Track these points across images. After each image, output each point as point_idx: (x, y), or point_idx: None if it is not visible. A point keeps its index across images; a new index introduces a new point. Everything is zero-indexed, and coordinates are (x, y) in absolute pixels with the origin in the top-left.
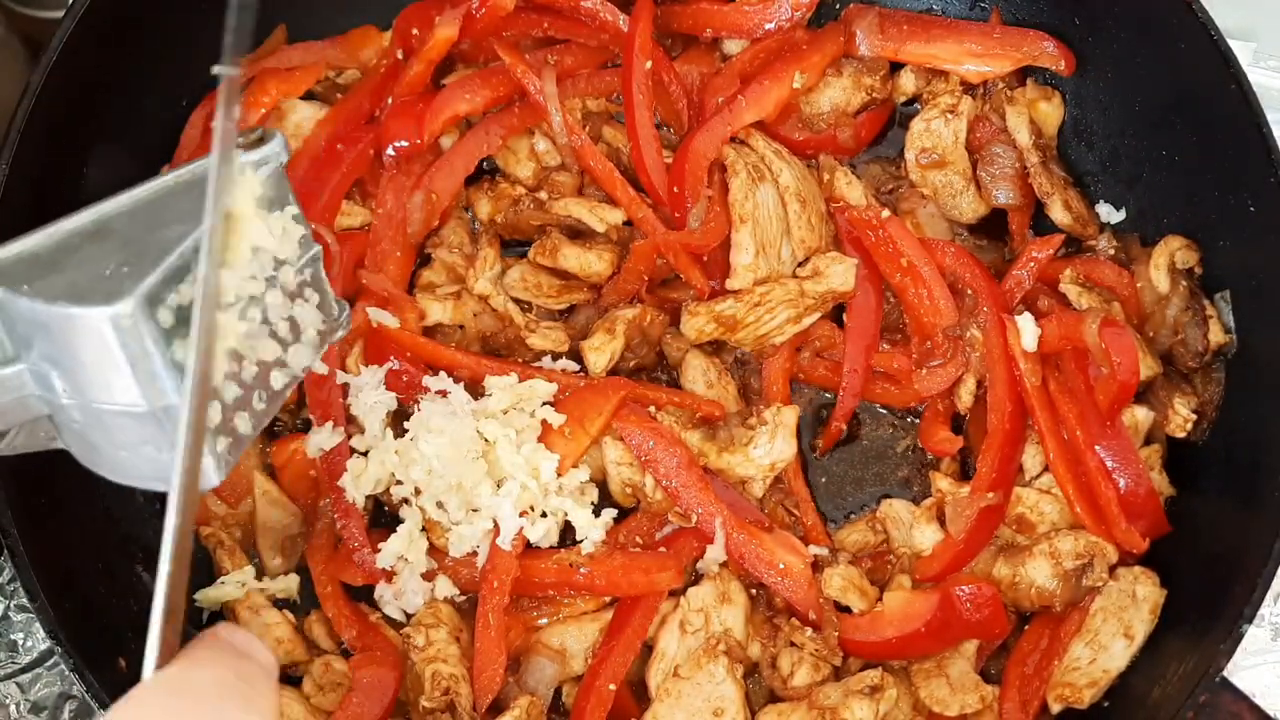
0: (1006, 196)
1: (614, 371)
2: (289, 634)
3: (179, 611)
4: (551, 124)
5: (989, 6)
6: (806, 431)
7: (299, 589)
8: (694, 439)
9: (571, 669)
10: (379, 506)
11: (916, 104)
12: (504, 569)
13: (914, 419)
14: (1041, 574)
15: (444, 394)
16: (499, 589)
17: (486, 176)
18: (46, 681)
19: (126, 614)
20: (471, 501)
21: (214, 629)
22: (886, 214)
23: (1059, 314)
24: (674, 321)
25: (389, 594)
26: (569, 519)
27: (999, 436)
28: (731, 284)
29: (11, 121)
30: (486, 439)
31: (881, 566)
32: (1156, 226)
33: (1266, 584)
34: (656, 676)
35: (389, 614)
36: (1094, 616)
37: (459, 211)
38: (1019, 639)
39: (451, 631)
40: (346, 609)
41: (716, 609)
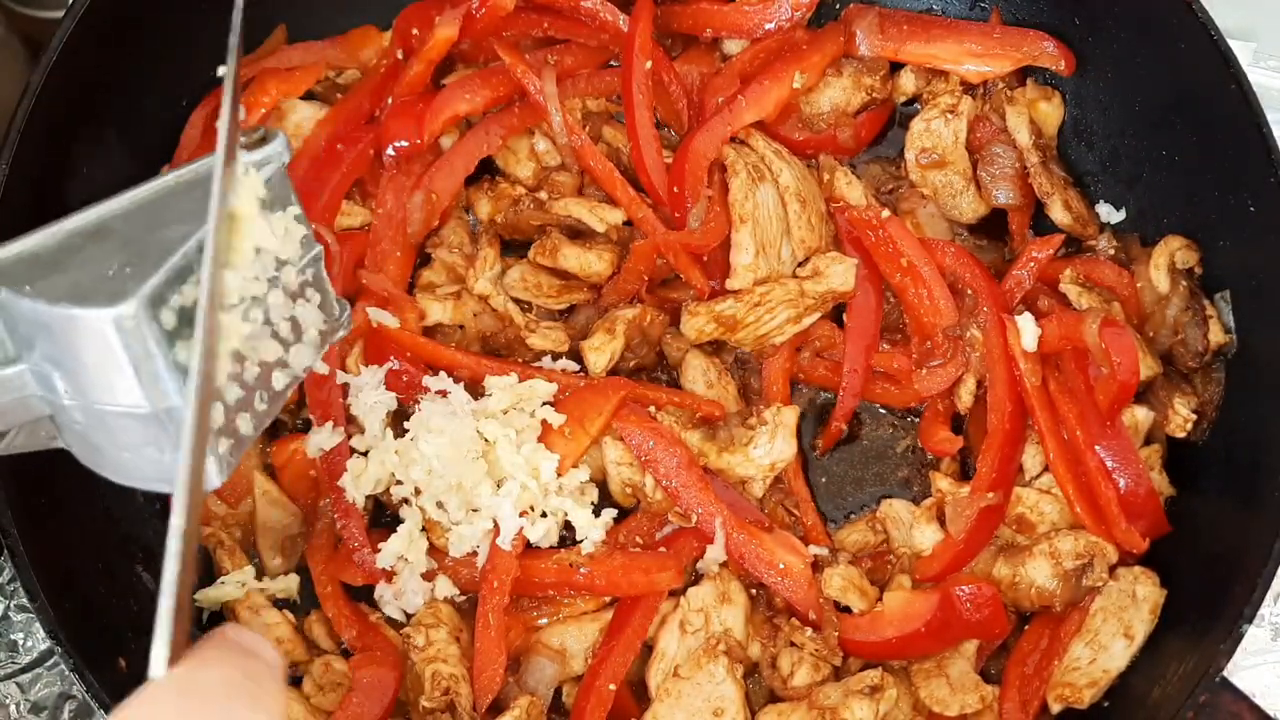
0: (1006, 196)
1: (614, 371)
2: (289, 634)
3: (186, 611)
4: (551, 124)
5: (989, 6)
6: (806, 431)
7: (299, 589)
8: (694, 439)
9: (571, 669)
10: (379, 506)
11: (916, 104)
12: (504, 569)
13: (914, 419)
14: (1041, 574)
15: (444, 394)
16: (499, 589)
17: (486, 176)
18: (46, 681)
19: (126, 614)
20: (471, 501)
21: (221, 629)
22: (886, 214)
23: (1059, 314)
24: (674, 321)
25: (389, 594)
26: (569, 519)
27: (999, 436)
28: (731, 284)
29: (11, 121)
30: (486, 439)
31: (881, 566)
32: (1156, 226)
33: (1266, 584)
34: (656, 676)
35: (389, 614)
36: (1094, 616)
37: (459, 211)
38: (1019, 639)
39: (451, 631)
40: (346, 609)
41: (716, 609)
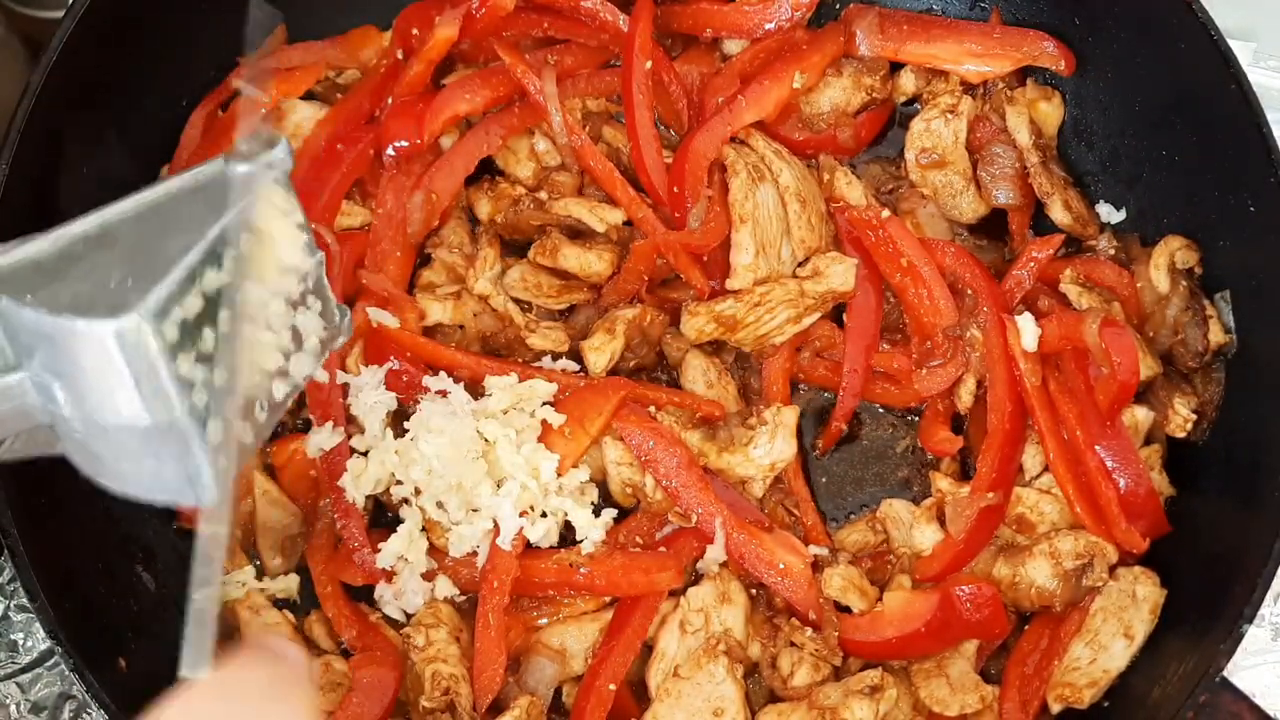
0: (1006, 196)
1: (614, 371)
2: (289, 634)
3: (214, 615)
4: (551, 124)
5: (989, 6)
6: (807, 431)
7: (299, 589)
8: (694, 439)
9: (571, 669)
10: (379, 506)
11: (916, 104)
12: (504, 569)
13: (914, 419)
14: (1041, 574)
15: (444, 394)
16: (499, 589)
17: (486, 176)
18: (46, 681)
19: (126, 614)
20: (471, 501)
21: (253, 635)
22: (886, 214)
23: (1059, 314)
24: (674, 321)
25: (389, 594)
26: (569, 519)
27: (999, 436)
28: (731, 284)
29: (11, 121)
30: (486, 439)
31: (881, 566)
32: (1156, 226)
33: (1266, 584)
34: (656, 676)
35: (389, 614)
36: (1094, 616)
37: (459, 211)
38: (1019, 639)
39: (451, 631)
40: (346, 609)
41: (716, 609)
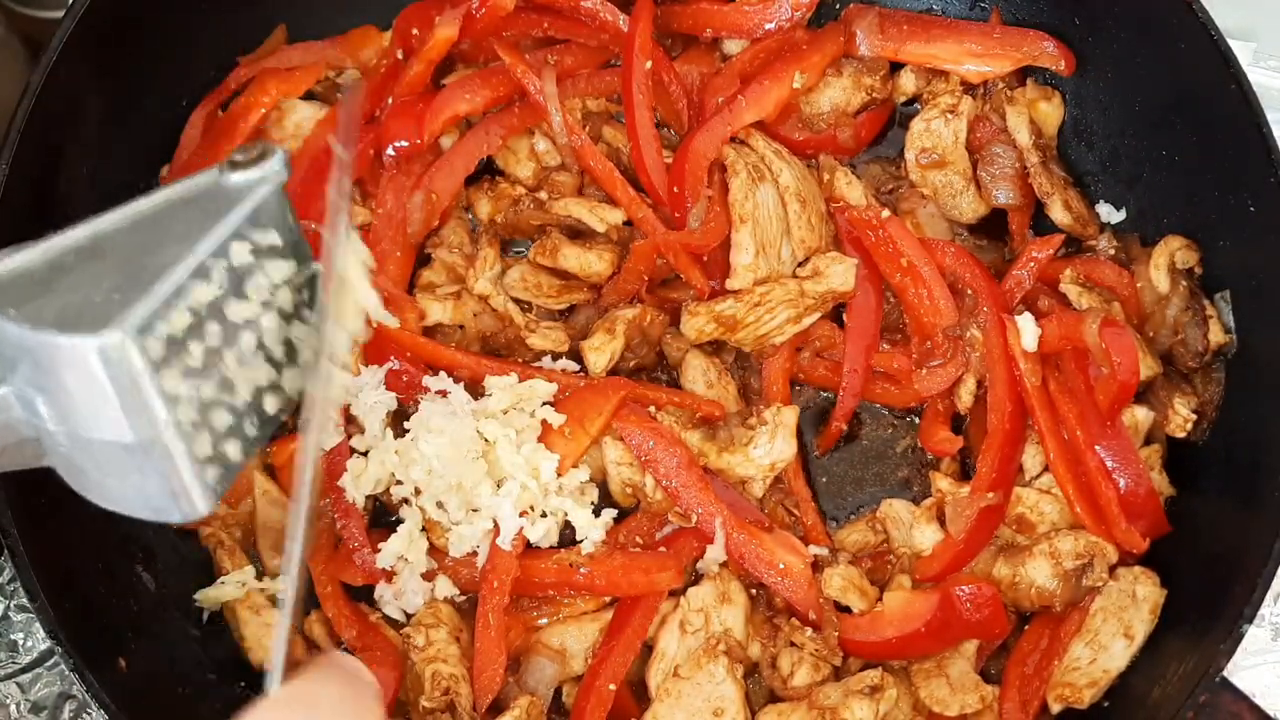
0: (1006, 196)
1: (614, 371)
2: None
3: (296, 628)
4: (551, 124)
5: (989, 6)
6: (807, 431)
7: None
8: (694, 439)
9: (571, 669)
10: (379, 506)
11: (916, 104)
12: (504, 569)
13: (914, 419)
14: (1041, 574)
15: (444, 394)
16: (499, 589)
17: (486, 176)
18: (46, 681)
19: (126, 614)
20: (471, 501)
21: (328, 653)
22: (886, 214)
23: (1059, 314)
24: (674, 321)
25: (389, 594)
26: (569, 519)
27: (999, 436)
28: (731, 284)
29: (11, 121)
30: (486, 439)
31: (881, 566)
32: (1156, 226)
33: (1266, 584)
34: (656, 676)
35: (389, 614)
36: (1094, 616)
37: (459, 211)
38: (1019, 639)
39: (451, 631)
40: (346, 609)
41: (716, 609)
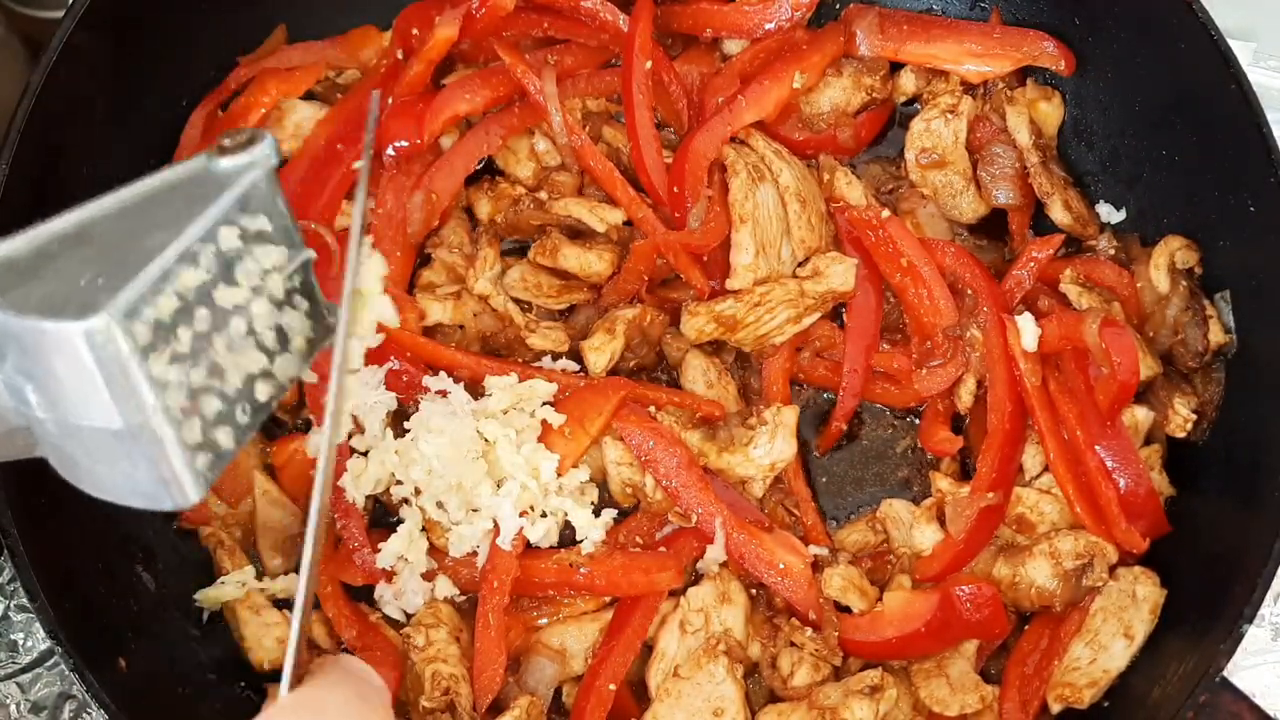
0: (1006, 196)
1: (614, 371)
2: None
3: (306, 634)
4: (551, 124)
5: (989, 6)
6: (806, 431)
7: None
8: (694, 439)
9: (571, 669)
10: (379, 506)
11: (916, 104)
12: (504, 569)
13: (914, 419)
14: (1041, 574)
15: (444, 394)
16: (499, 589)
17: (486, 176)
18: (46, 681)
19: (126, 614)
20: (471, 501)
21: (337, 657)
22: (886, 214)
23: (1059, 314)
24: (674, 321)
25: (389, 594)
26: (569, 519)
27: (999, 436)
28: (731, 284)
29: (11, 121)
30: (486, 439)
31: (881, 566)
32: (1156, 226)
33: (1266, 584)
34: (656, 676)
35: (389, 614)
36: (1094, 616)
37: (459, 211)
38: (1019, 639)
39: (451, 631)
40: (346, 609)
41: (716, 609)
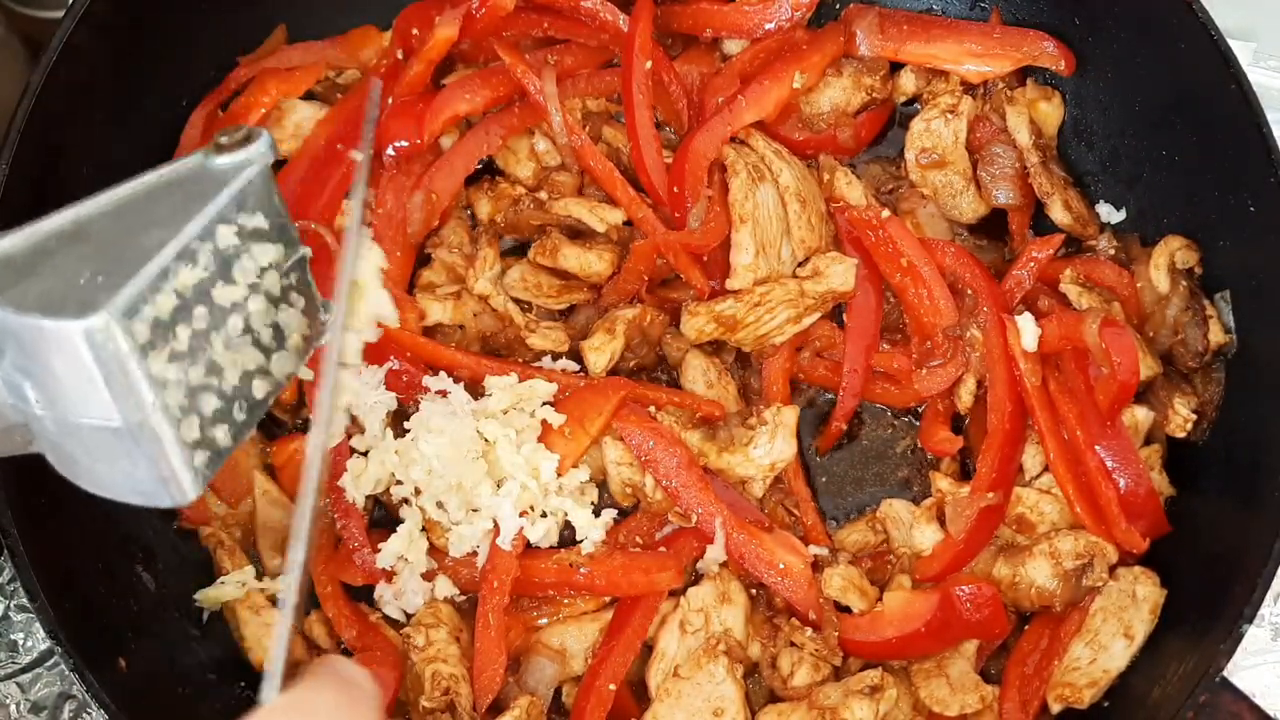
0: (1006, 196)
1: (614, 371)
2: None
3: (296, 636)
4: (551, 124)
5: (989, 6)
6: (806, 431)
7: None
8: (694, 439)
9: (571, 669)
10: (379, 506)
11: (916, 104)
12: (504, 569)
13: (914, 419)
14: (1041, 574)
15: (444, 394)
16: (499, 589)
17: (486, 176)
18: (46, 681)
19: (126, 614)
20: (471, 501)
21: (326, 659)
22: (886, 214)
23: (1059, 314)
24: (674, 321)
25: (389, 594)
26: (569, 519)
27: (999, 436)
28: (731, 284)
29: (11, 121)
30: (486, 439)
31: (881, 566)
32: (1156, 226)
33: (1266, 584)
34: (656, 676)
35: (389, 614)
36: (1094, 616)
37: (459, 211)
38: (1019, 639)
39: (451, 631)
40: (346, 609)
41: (716, 609)
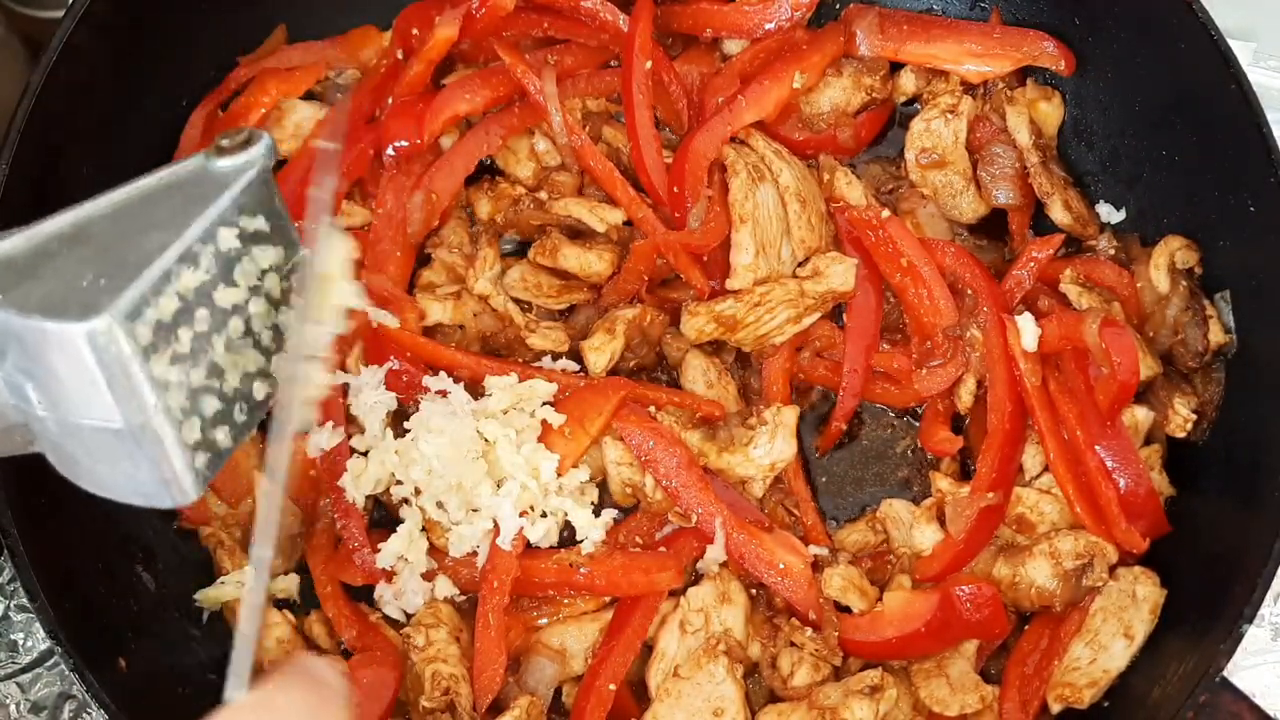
0: (1006, 196)
1: (614, 371)
2: (289, 634)
3: (257, 639)
4: (551, 124)
5: (989, 6)
6: (806, 431)
7: (299, 589)
8: (694, 439)
9: (571, 669)
10: (379, 506)
11: (916, 104)
12: (504, 569)
13: (914, 419)
14: (1041, 574)
15: (444, 394)
16: (499, 589)
17: (486, 176)
18: (46, 681)
19: (126, 614)
20: (471, 501)
21: (296, 656)
22: (886, 214)
23: (1059, 314)
24: (674, 321)
25: (389, 594)
26: (569, 519)
27: (999, 436)
28: (731, 284)
29: (11, 121)
30: (486, 439)
31: (881, 566)
32: (1156, 226)
33: (1266, 584)
34: (656, 676)
35: (389, 614)
36: (1094, 616)
37: (459, 211)
38: (1019, 639)
39: (451, 631)
40: (346, 609)
41: (716, 609)
